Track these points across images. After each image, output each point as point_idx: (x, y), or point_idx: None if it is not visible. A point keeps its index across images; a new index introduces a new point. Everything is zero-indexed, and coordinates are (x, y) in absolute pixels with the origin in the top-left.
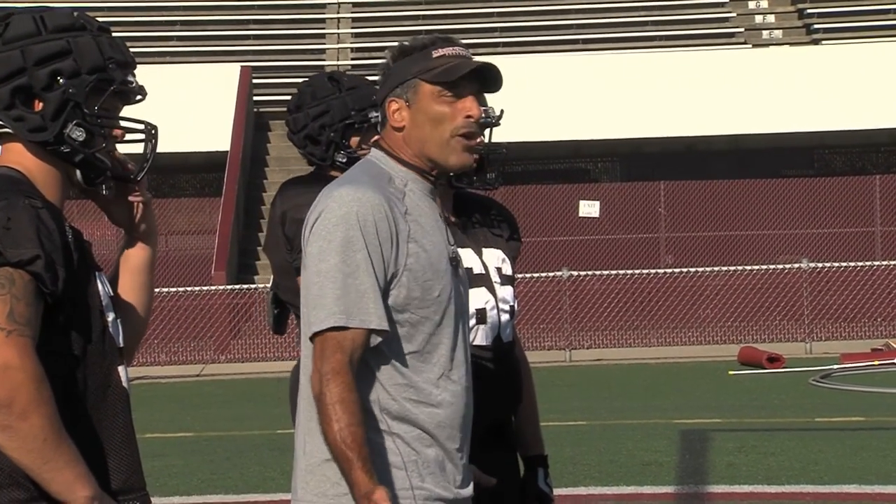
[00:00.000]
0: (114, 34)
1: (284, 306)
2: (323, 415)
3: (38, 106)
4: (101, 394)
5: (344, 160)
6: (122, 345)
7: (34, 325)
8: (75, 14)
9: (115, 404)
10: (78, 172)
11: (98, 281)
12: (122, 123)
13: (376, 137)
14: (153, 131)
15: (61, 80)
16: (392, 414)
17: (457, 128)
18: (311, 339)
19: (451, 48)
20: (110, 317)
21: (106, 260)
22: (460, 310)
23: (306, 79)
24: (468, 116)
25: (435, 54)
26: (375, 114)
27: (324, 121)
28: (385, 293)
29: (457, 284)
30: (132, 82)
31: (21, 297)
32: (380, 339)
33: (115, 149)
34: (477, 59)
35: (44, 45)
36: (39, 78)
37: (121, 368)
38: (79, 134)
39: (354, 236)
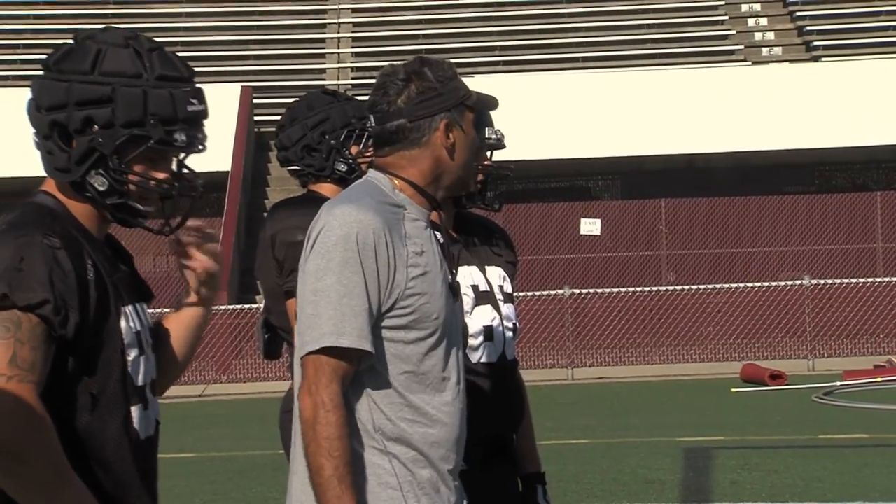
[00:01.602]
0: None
1: (275, 331)
2: (316, 446)
3: (75, 145)
4: (121, 433)
5: (344, 168)
6: (140, 383)
7: (40, 369)
8: (141, 55)
9: (133, 444)
10: (108, 213)
11: (124, 318)
12: (152, 182)
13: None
14: (192, 191)
15: (95, 128)
16: (388, 435)
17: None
18: (304, 356)
19: None
20: (131, 355)
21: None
22: (454, 331)
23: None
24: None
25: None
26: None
27: (324, 128)
28: (381, 316)
29: (452, 306)
30: (176, 140)
31: (26, 340)
32: (369, 362)
33: (155, 200)
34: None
35: (88, 87)
36: (75, 119)
37: (135, 409)
38: (101, 184)
39: (352, 258)
